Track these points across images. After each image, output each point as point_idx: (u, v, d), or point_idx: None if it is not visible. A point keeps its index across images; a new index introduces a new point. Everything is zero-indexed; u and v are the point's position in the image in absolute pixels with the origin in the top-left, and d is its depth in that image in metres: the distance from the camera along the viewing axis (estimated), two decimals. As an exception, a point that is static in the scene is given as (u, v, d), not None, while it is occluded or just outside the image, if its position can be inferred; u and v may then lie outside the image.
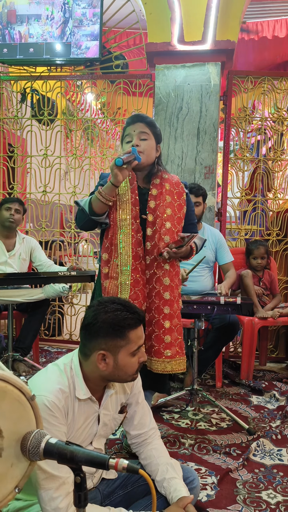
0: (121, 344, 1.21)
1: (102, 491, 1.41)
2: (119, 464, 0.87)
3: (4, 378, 0.84)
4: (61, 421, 1.18)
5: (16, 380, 0.86)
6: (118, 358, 1.22)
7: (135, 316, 1.23)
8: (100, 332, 1.21)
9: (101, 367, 1.22)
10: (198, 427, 2.36)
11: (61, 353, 3.65)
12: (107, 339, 1.21)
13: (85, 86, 3.90)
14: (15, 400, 0.85)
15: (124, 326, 1.21)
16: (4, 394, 0.84)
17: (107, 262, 1.85)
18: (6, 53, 3.67)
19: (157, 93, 3.42)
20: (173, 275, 1.87)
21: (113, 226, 1.83)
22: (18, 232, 3.27)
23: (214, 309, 2.28)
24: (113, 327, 1.20)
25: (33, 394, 0.88)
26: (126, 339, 1.21)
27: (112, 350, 1.21)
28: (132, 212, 1.83)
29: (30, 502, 1.25)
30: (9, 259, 3.13)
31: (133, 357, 1.24)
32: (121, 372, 1.24)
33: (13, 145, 3.90)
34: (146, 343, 1.83)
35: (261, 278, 3.29)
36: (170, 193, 1.90)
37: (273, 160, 3.62)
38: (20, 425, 0.86)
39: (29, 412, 0.88)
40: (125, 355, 1.22)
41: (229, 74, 3.52)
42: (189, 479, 1.43)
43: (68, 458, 0.84)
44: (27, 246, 3.26)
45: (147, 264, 1.86)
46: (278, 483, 1.83)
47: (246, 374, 3.02)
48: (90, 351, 1.23)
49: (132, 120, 1.88)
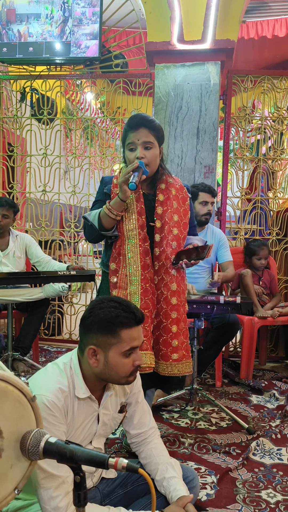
0: (111, 341, 1.21)
1: (102, 490, 1.41)
2: (118, 463, 0.87)
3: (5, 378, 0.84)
4: (60, 421, 1.18)
5: (17, 381, 0.85)
6: (109, 356, 1.21)
7: (129, 316, 1.22)
8: (93, 326, 1.21)
9: (92, 363, 1.22)
10: (198, 427, 2.36)
11: (61, 352, 3.65)
12: (98, 335, 1.21)
13: (84, 85, 3.89)
14: (15, 401, 0.85)
15: (115, 324, 1.20)
16: (5, 394, 0.83)
17: (115, 271, 1.84)
18: (5, 52, 3.66)
19: (157, 92, 3.42)
20: (180, 281, 1.88)
21: (121, 236, 1.83)
22: (12, 230, 3.21)
23: (214, 308, 2.29)
24: (104, 322, 1.20)
25: (33, 395, 0.88)
26: (117, 337, 1.20)
27: (102, 346, 1.21)
28: (138, 221, 1.82)
29: (29, 501, 1.25)
30: (3, 259, 3.11)
31: (126, 358, 1.22)
32: (112, 371, 1.22)
33: (13, 144, 3.90)
34: (154, 346, 1.83)
35: (261, 278, 3.29)
36: (176, 198, 1.90)
37: (273, 159, 3.62)
38: (21, 426, 0.86)
39: (30, 413, 0.88)
40: (116, 354, 1.21)
41: (228, 73, 3.52)
42: (188, 478, 1.43)
43: (67, 457, 0.84)
44: (21, 243, 3.22)
45: (155, 270, 1.85)
46: (278, 482, 1.84)
47: (245, 373, 3.02)
48: (84, 345, 1.24)
49: (135, 125, 1.78)
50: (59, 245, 3.96)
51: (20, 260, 3.21)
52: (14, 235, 3.21)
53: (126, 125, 1.83)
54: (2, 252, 3.12)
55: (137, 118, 1.81)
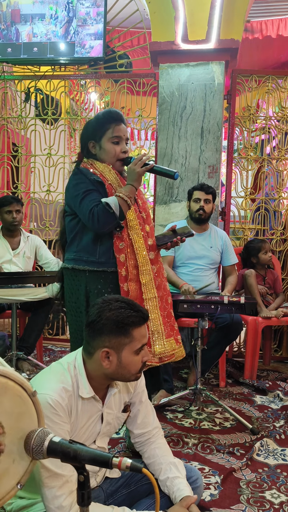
0: (125, 341, 1.22)
1: (106, 490, 1.41)
2: (122, 463, 0.87)
3: (5, 374, 0.84)
4: (64, 420, 1.18)
5: (17, 376, 0.86)
6: (122, 356, 1.22)
7: (139, 314, 1.24)
8: (104, 329, 1.21)
9: (105, 365, 1.22)
10: (202, 427, 2.36)
11: (65, 352, 3.66)
12: (111, 337, 1.21)
13: (89, 85, 3.89)
14: (16, 396, 0.85)
15: (128, 324, 1.21)
16: (5, 390, 0.83)
17: (123, 264, 1.80)
18: (10, 53, 3.67)
19: (161, 92, 3.42)
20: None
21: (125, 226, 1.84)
22: (22, 231, 3.29)
23: (218, 308, 2.28)
24: (117, 324, 1.21)
25: (34, 390, 0.88)
26: (130, 336, 1.22)
27: (115, 347, 1.22)
28: (135, 212, 1.86)
29: (33, 500, 1.25)
30: (13, 258, 3.14)
31: (137, 355, 1.25)
32: (124, 370, 1.24)
33: (17, 144, 3.91)
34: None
35: (264, 277, 3.28)
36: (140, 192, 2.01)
37: (277, 159, 3.61)
38: (22, 421, 0.86)
39: (31, 408, 0.88)
40: (129, 353, 1.23)
41: (233, 73, 3.51)
42: (192, 478, 1.42)
43: (71, 457, 0.84)
44: (32, 244, 3.28)
45: (152, 259, 1.88)
46: (282, 483, 1.83)
47: (249, 373, 3.01)
48: (93, 349, 1.24)
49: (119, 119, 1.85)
50: (63, 245, 3.96)
51: (29, 260, 3.24)
52: (25, 236, 3.27)
53: (107, 116, 1.86)
54: (13, 251, 3.16)
55: (117, 112, 1.88)
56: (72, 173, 1.88)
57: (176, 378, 3.08)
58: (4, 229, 3.18)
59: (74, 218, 1.85)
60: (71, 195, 1.82)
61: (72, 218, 1.86)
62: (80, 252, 1.82)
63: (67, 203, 1.87)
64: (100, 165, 1.85)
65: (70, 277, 1.85)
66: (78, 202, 1.78)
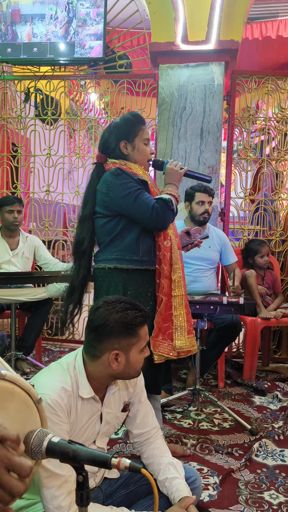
0: (132, 342, 1.25)
1: (104, 490, 1.41)
2: (121, 463, 0.87)
3: (13, 380, 0.84)
4: (63, 420, 1.18)
5: (24, 383, 0.86)
6: (130, 356, 1.25)
7: (142, 313, 1.27)
8: (113, 332, 1.22)
9: (114, 367, 1.24)
10: (201, 427, 2.36)
11: (64, 352, 3.66)
12: (120, 338, 1.23)
13: (88, 85, 3.90)
14: (22, 402, 0.85)
15: (135, 324, 1.24)
16: (12, 395, 0.83)
17: (161, 261, 1.80)
18: (10, 53, 3.67)
19: (161, 93, 3.42)
20: None
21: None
22: (21, 231, 3.28)
23: (217, 309, 2.28)
24: (126, 326, 1.23)
25: (40, 398, 0.88)
26: (137, 336, 1.25)
27: (124, 348, 1.24)
28: None
29: (32, 500, 1.25)
30: (12, 258, 3.14)
31: (141, 353, 1.28)
32: (131, 369, 1.26)
33: (17, 144, 3.91)
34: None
35: (264, 278, 3.29)
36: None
37: (276, 160, 3.62)
38: (26, 427, 0.86)
39: (35, 415, 0.88)
40: (136, 352, 1.26)
41: (232, 74, 3.51)
42: (191, 479, 1.42)
43: (70, 457, 0.84)
44: (31, 245, 3.27)
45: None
46: (281, 484, 1.83)
47: (248, 374, 3.01)
48: (101, 352, 1.24)
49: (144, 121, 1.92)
50: (63, 245, 3.96)
51: (28, 261, 3.24)
52: (24, 236, 3.27)
53: (138, 117, 1.90)
54: (12, 251, 3.16)
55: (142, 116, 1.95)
56: (113, 174, 1.78)
57: (175, 378, 3.09)
58: (4, 229, 3.18)
59: (111, 219, 1.80)
60: (119, 195, 1.75)
61: (108, 220, 1.80)
62: (123, 251, 1.79)
63: (106, 205, 1.79)
64: (134, 166, 1.84)
65: (106, 277, 1.82)
66: (131, 200, 1.74)
